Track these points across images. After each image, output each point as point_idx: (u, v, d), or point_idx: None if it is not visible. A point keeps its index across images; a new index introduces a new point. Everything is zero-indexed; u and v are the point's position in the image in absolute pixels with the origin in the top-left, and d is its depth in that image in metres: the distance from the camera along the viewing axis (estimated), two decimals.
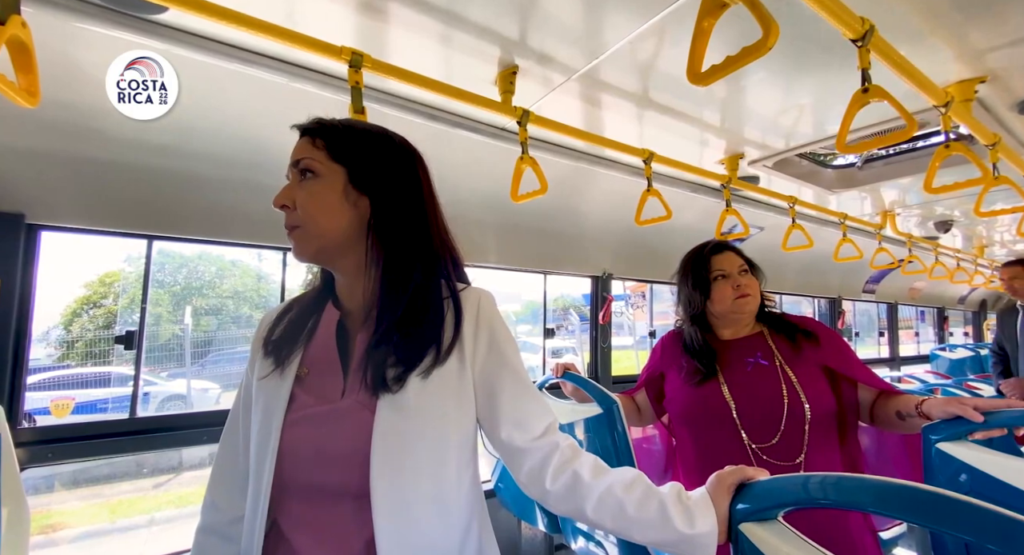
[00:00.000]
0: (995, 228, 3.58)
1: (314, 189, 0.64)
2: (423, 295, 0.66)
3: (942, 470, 0.93)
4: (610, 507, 0.62)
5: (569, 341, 7.90)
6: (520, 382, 0.69)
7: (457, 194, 1.95)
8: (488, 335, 0.68)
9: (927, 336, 6.54)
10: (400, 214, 0.67)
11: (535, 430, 0.67)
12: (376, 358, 0.63)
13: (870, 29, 0.93)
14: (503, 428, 0.67)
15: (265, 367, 0.69)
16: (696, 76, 0.77)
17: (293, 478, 0.62)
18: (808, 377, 1.08)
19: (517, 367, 0.69)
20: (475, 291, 0.71)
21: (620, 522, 0.62)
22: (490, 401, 0.68)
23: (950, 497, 0.40)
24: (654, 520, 0.60)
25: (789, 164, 2.25)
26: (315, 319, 0.71)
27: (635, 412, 1.36)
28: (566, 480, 0.65)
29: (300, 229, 0.64)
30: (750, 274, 1.17)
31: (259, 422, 0.66)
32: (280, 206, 0.65)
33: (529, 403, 0.69)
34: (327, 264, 0.70)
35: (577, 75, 1.30)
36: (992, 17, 1.08)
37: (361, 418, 0.61)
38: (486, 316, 0.69)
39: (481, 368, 0.67)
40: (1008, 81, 1.34)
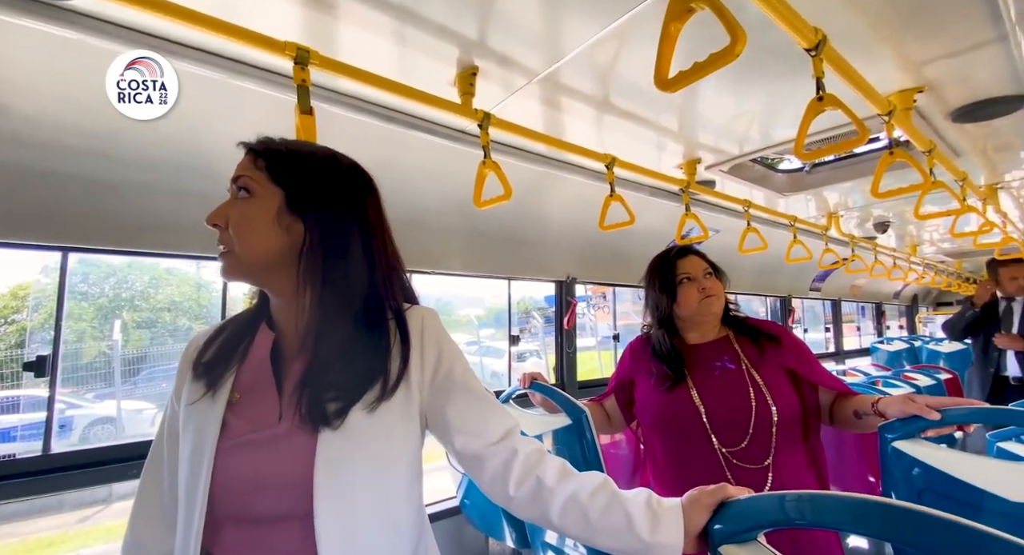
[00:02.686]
0: (924, 229, 3.86)
1: (247, 210, 0.63)
2: (365, 324, 0.64)
3: (897, 466, 0.96)
4: (574, 513, 0.61)
5: (532, 344, 7.90)
6: (471, 394, 0.69)
7: (418, 199, 1.89)
8: (435, 354, 0.68)
9: (867, 330, 6.98)
10: (337, 241, 0.65)
11: (492, 435, 0.67)
12: (313, 390, 0.61)
13: (823, 39, 0.95)
14: (458, 439, 0.67)
15: (195, 392, 0.65)
16: (663, 82, 0.76)
17: (229, 507, 0.59)
18: (773, 380, 1.09)
19: (467, 380, 0.69)
20: (418, 311, 0.70)
21: (584, 528, 0.61)
22: (443, 415, 0.67)
23: (926, 513, 0.39)
24: (618, 526, 0.59)
25: (743, 168, 2.32)
26: (249, 340, 0.68)
27: (604, 420, 1.35)
28: (530, 486, 0.64)
29: (228, 251, 0.63)
30: (714, 277, 1.19)
31: (189, 451, 0.62)
32: (212, 224, 0.63)
33: (483, 411, 0.69)
34: (258, 285, 0.69)
35: (538, 78, 1.27)
36: (930, 30, 1.14)
37: (302, 443, 0.59)
38: (431, 335, 0.69)
39: (430, 388, 0.67)
40: (943, 91, 1.43)
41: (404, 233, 2.11)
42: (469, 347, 8.63)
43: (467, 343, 8.83)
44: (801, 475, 1.06)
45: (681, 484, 1.14)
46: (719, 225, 2.84)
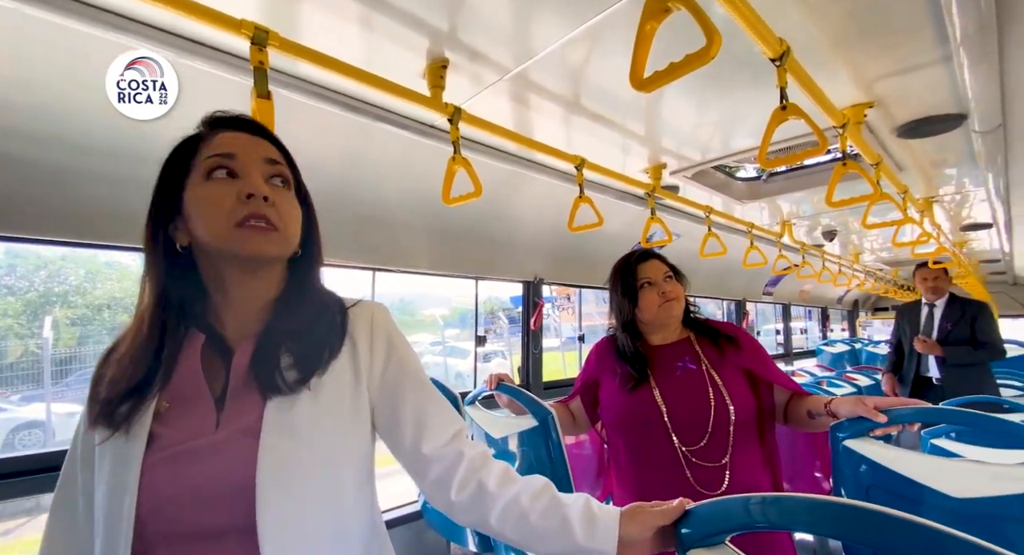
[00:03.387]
0: (866, 238, 4.12)
1: (290, 199, 0.64)
2: (321, 297, 0.67)
3: (847, 464, 1.00)
4: (513, 517, 0.61)
5: (498, 344, 7.90)
6: (422, 390, 0.68)
7: (383, 194, 1.83)
8: (385, 345, 0.67)
9: (813, 333, 7.40)
10: (313, 223, 0.68)
11: (441, 437, 0.66)
12: (268, 361, 0.60)
13: (787, 50, 0.98)
14: (407, 438, 0.65)
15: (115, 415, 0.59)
16: (639, 82, 0.76)
17: (160, 526, 0.54)
18: (732, 380, 1.12)
19: (419, 375, 0.68)
20: (368, 304, 0.69)
21: (522, 532, 0.61)
22: (392, 412, 0.66)
23: (885, 514, 0.40)
24: (555, 530, 0.59)
25: (705, 175, 2.39)
26: (171, 347, 0.61)
27: (570, 421, 1.35)
28: (471, 490, 0.63)
29: (279, 233, 0.61)
30: (675, 280, 1.20)
31: (110, 466, 0.56)
32: (264, 197, 0.60)
33: (433, 410, 0.67)
34: (260, 271, 0.64)
35: (510, 75, 1.25)
36: (882, 47, 1.21)
37: (242, 448, 0.56)
38: (381, 327, 0.67)
39: (380, 380, 0.66)
40: (890, 108, 1.52)
41: (368, 229, 2.06)
42: (433, 347, 8.52)
43: (431, 343, 8.71)
44: (756, 473, 1.09)
45: (642, 483, 1.15)
46: (681, 230, 2.92)
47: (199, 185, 0.59)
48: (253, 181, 0.59)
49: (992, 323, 2.68)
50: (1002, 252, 4.40)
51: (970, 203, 2.87)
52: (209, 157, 0.60)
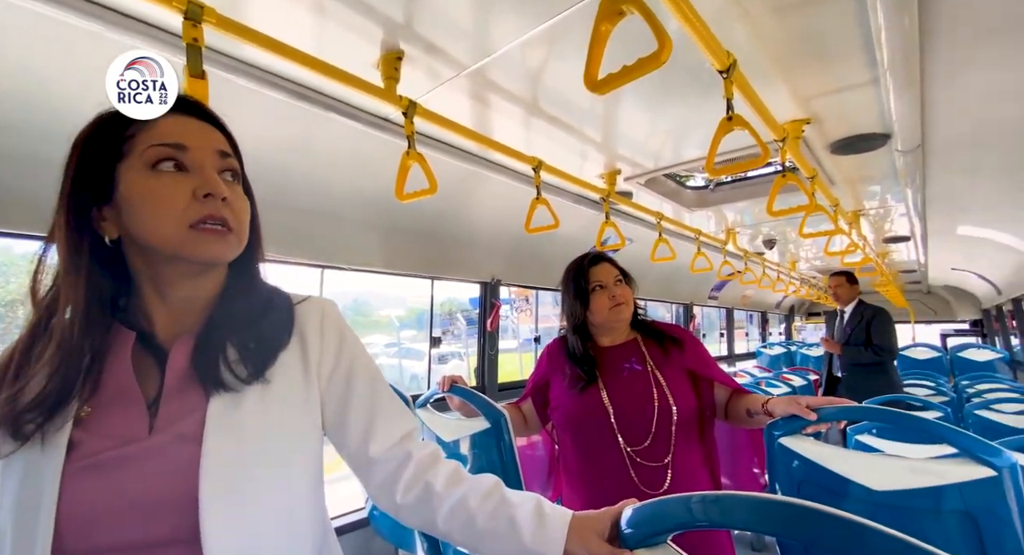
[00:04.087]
0: (802, 247, 4.41)
1: (241, 195, 0.59)
2: (266, 292, 0.63)
3: (781, 460, 1.05)
4: (461, 518, 0.60)
5: (455, 346, 7.81)
6: (374, 388, 0.65)
7: (334, 188, 1.76)
8: (336, 341, 0.64)
9: (754, 335, 7.83)
10: (255, 217, 0.63)
11: (391, 438, 0.64)
12: (212, 356, 0.55)
13: (734, 62, 1.02)
14: (355, 437, 0.63)
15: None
16: (593, 83, 0.77)
17: (84, 541, 0.48)
18: (675, 380, 1.15)
19: (371, 372, 0.66)
20: (317, 300, 0.66)
21: (469, 534, 0.60)
22: (341, 410, 0.63)
23: (819, 510, 0.41)
24: (503, 531, 0.58)
25: (657, 182, 2.47)
26: (96, 348, 0.55)
27: (522, 422, 1.35)
28: (418, 491, 0.62)
29: (235, 235, 0.56)
30: (624, 284, 1.23)
31: (19, 479, 0.50)
32: (222, 197, 0.55)
33: (384, 409, 0.65)
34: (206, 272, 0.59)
35: (467, 72, 1.23)
36: (818, 67, 1.29)
37: (181, 453, 0.51)
38: (332, 323, 0.64)
39: (330, 377, 0.62)
40: (824, 125, 1.63)
41: (317, 224, 1.97)
42: (388, 349, 8.32)
43: (386, 345, 8.51)
44: (697, 471, 1.13)
45: (589, 483, 1.16)
46: (634, 235, 3.00)
47: (142, 176, 0.53)
48: (210, 179, 0.54)
49: (883, 327, 2.94)
50: (918, 263, 4.85)
51: (892, 217, 3.14)
52: (155, 146, 0.53)
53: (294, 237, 1.71)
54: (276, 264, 1.72)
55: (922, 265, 4.91)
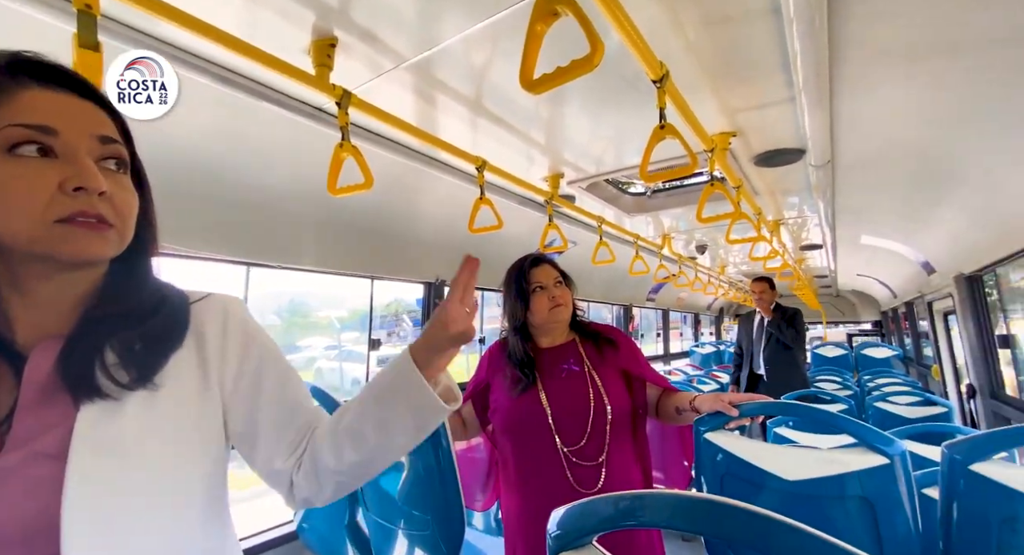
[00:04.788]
0: (730, 253, 4.71)
1: (126, 186, 0.51)
2: (155, 290, 0.56)
3: (707, 454, 1.11)
4: (345, 436, 0.58)
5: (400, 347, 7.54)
6: (285, 393, 0.61)
7: (264, 180, 1.64)
8: (241, 343, 0.58)
9: (688, 335, 8.27)
10: (149, 208, 0.56)
11: (302, 446, 0.61)
12: (85, 359, 0.48)
13: (666, 73, 1.06)
14: (265, 448, 0.59)
15: None
16: (528, 83, 0.76)
17: None
18: (610, 380, 1.18)
19: (282, 376, 0.61)
20: (220, 298, 0.59)
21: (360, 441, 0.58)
22: (248, 418, 0.58)
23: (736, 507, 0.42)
24: (389, 416, 0.58)
25: (598, 187, 2.54)
26: None
27: (460, 426, 1.33)
28: (308, 458, 0.60)
29: (115, 230, 0.49)
30: (564, 286, 1.25)
31: None
32: (99, 192, 0.47)
33: (298, 416, 0.61)
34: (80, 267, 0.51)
35: (407, 64, 1.19)
36: (743, 83, 1.37)
37: (41, 472, 0.44)
38: (236, 322, 0.59)
39: (234, 383, 0.57)
40: (749, 138, 1.74)
41: (243, 218, 1.84)
42: (328, 352, 7.96)
43: (326, 347, 8.13)
44: (630, 469, 1.16)
45: (525, 484, 1.16)
46: (577, 238, 3.07)
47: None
48: (83, 170, 0.46)
49: (793, 330, 3.20)
50: (829, 269, 5.34)
51: (807, 226, 3.43)
52: (13, 126, 0.44)
53: (216, 231, 1.58)
54: (193, 260, 1.59)
55: (832, 271, 5.42)
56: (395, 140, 1.68)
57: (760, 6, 1.04)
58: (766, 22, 1.09)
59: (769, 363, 3.24)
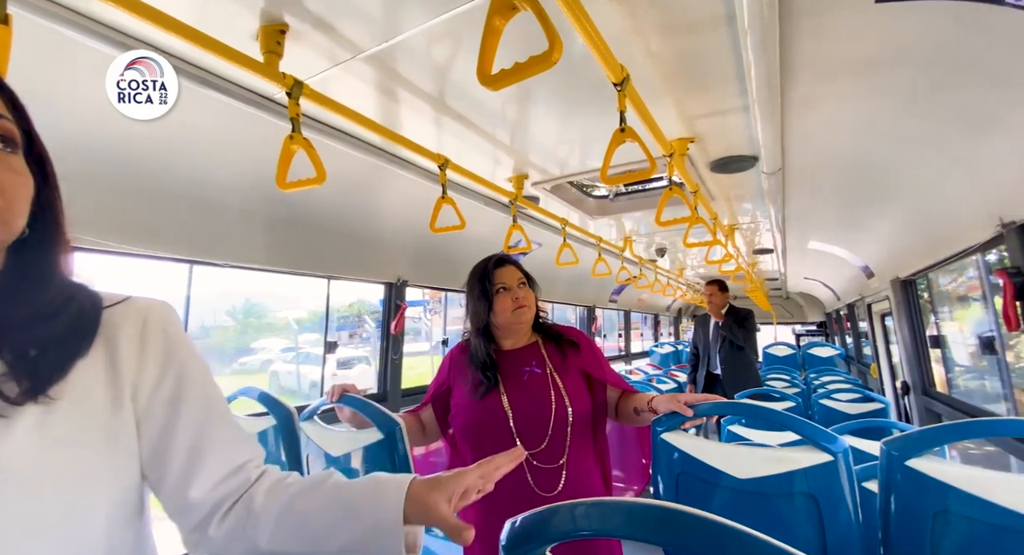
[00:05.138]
0: (688, 256, 4.86)
1: (15, 165, 0.46)
2: (60, 290, 0.49)
3: (663, 454, 1.12)
4: (290, 526, 0.51)
5: (363, 350, 7.41)
6: (207, 412, 0.54)
7: (209, 173, 1.54)
8: (162, 353, 0.52)
9: (648, 336, 8.49)
10: (51, 194, 0.50)
11: (217, 474, 0.53)
12: None
13: (627, 77, 1.07)
14: (175, 474, 0.51)
15: None
16: (486, 78, 0.74)
17: None
18: (571, 382, 1.18)
19: (205, 393, 0.55)
20: (141, 302, 0.54)
21: (304, 540, 0.51)
22: (161, 439, 0.51)
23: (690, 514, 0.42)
24: (339, 521, 0.51)
25: (563, 189, 2.55)
26: None
27: (419, 431, 1.30)
28: (236, 515, 0.52)
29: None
30: (527, 287, 1.24)
31: None
32: None
33: (217, 439, 0.54)
34: None
35: (364, 55, 1.15)
36: (701, 90, 1.41)
37: None
38: (157, 330, 0.53)
39: (150, 397, 0.51)
40: (706, 144, 1.79)
41: (186, 212, 1.73)
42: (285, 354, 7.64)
43: (283, 349, 7.82)
44: (590, 471, 1.16)
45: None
46: (542, 239, 3.08)
47: None
48: None
49: (745, 331, 3.34)
50: (779, 272, 5.61)
51: (759, 231, 3.58)
52: None
53: (155, 227, 1.47)
54: (130, 257, 1.47)
55: (782, 274, 5.69)
56: (355, 135, 1.62)
57: (716, 16, 1.07)
58: (722, 32, 1.12)
59: (724, 363, 3.37)
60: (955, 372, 3.10)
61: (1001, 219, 1.57)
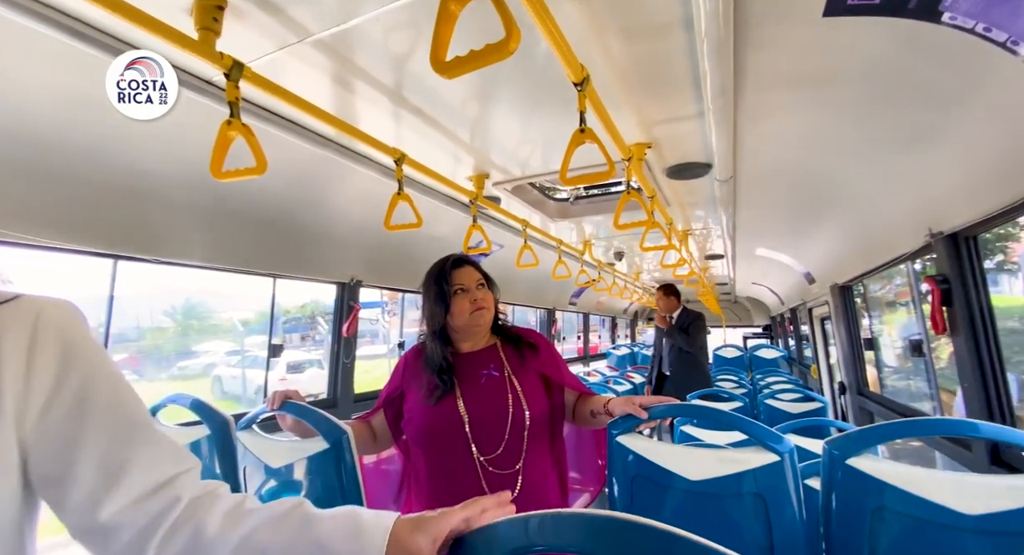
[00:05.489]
0: (644, 260, 4.99)
1: None
2: None
3: (618, 457, 1.12)
4: None
5: (316, 353, 7.15)
6: (118, 426, 0.48)
7: (136, 160, 1.41)
8: (57, 359, 0.46)
9: (605, 338, 8.67)
10: None
11: (140, 488, 0.47)
12: None
13: (587, 77, 1.06)
14: (83, 493, 0.45)
15: None
16: (440, 65, 0.71)
17: None
18: (529, 385, 1.16)
19: (117, 401, 0.49)
20: (31, 302, 0.47)
21: None
22: (59, 461, 0.46)
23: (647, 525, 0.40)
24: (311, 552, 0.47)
25: (524, 191, 2.54)
26: None
27: (370, 438, 1.24)
28: (181, 542, 0.46)
29: None
30: (486, 288, 1.21)
31: None
32: None
33: (131, 456, 0.48)
34: None
35: (313, 39, 1.08)
36: (658, 96, 1.43)
37: None
38: (52, 333, 0.47)
39: (44, 410, 0.45)
40: (663, 150, 1.82)
41: (110, 202, 1.58)
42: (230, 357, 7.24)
43: (228, 352, 7.39)
44: (547, 475, 1.14)
45: (438, 497, 1.10)
46: (504, 241, 3.05)
47: None
48: None
49: (694, 333, 3.46)
50: (729, 278, 5.85)
51: (711, 238, 3.72)
52: None
53: (71, 217, 1.33)
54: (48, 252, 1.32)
55: (732, 279, 5.95)
56: (305, 126, 1.54)
57: (674, 21, 1.08)
58: (680, 38, 1.14)
59: (673, 365, 3.49)
60: (885, 373, 3.34)
61: (930, 229, 1.69)
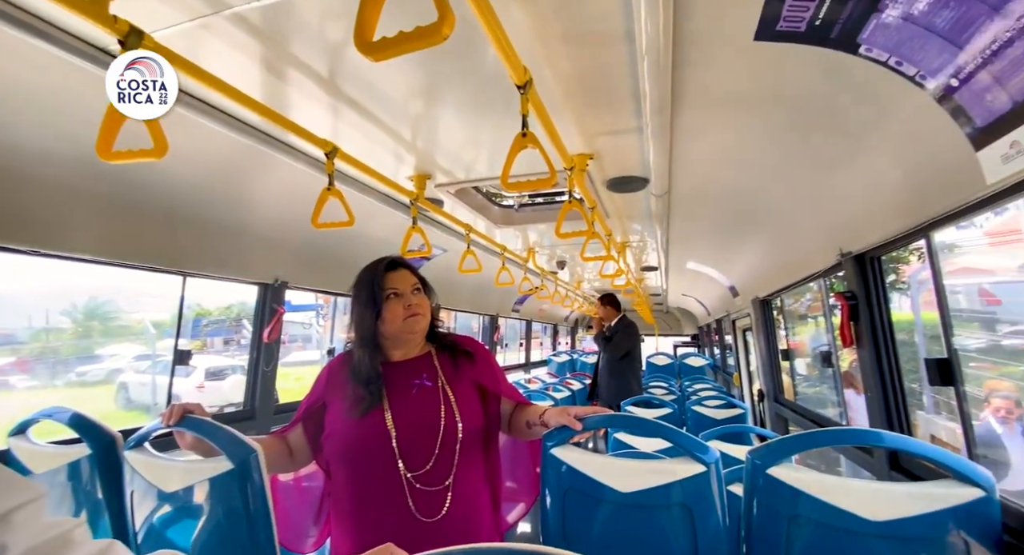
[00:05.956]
0: (585, 269, 5.11)
1: None
2: None
3: (552, 469, 1.09)
4: None
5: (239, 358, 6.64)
6: None
7: (15, 136, 1.21)
8: None
9: (547, 345, 8.77)
10: None
11: None
12: None
13: (530, 80, 1.04)
14: None
15: None
16: (365, 44, 0.65)
17: None
18: (464, 395, 1.11)
19: None
20: None
21: None
22: None
23: None
24: None
25: (468, 194, 2.50)
26: None
27: (285, 455, 1.13)
28: None
29: None
30: (422, 293, 1.15)
31: None
32: None
33: None
34: None
35: (231, 12, 0.97)
36: (600, 108, 1.44)
37: None
38: None
39: None
40: (604, 162, 1.86)
41: None
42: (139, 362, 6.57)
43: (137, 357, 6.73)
44: (479, 492, 1.09)
45: (360, 518, 1.01)
46: (447, 245, 2.98)
47: None
48: None
49: (621, 340, 3.60)
50: (662, 289, 6.14)
51: (647, 250, 3.87)
52: None
53: None
54: None
55: (664, 290, 6.25)
56: (223, 109, 1.39)
57: (617, 33, 1.09)
58: (621, 51, 1.15)
59: (604, 372, 3.59)
60: (798, 380, 3.62)
61: (841, 249, 1.84)
